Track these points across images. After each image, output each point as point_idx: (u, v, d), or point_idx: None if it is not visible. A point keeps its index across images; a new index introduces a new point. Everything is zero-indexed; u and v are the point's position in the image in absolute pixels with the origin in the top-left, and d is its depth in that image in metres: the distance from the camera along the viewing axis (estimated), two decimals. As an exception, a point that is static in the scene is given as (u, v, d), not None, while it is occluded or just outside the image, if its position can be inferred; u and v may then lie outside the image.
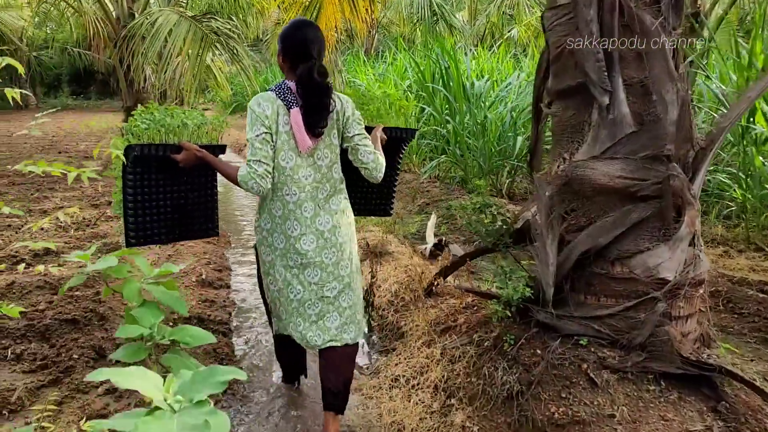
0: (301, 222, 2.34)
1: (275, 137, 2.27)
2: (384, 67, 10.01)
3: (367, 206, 3.04)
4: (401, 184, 7.71)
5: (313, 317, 2.41)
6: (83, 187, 8.14)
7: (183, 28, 8.08)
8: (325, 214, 2.36)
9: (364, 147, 2.39)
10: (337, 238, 2.39)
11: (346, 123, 2.38)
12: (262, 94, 2.32)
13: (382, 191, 3.00)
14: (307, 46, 2.28)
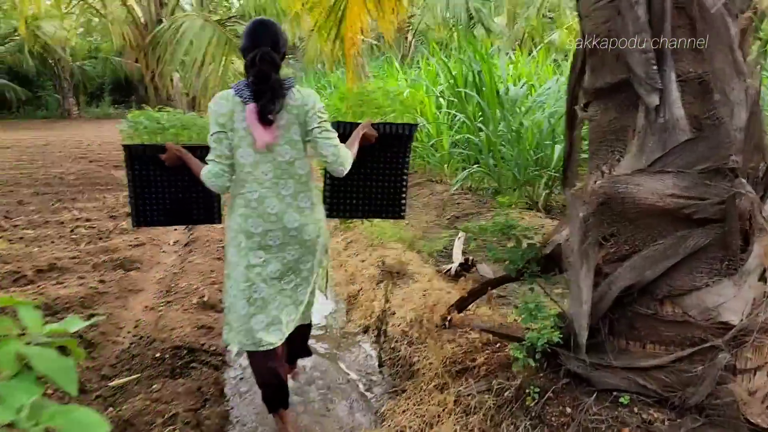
0: (265, 218, 2.36)
1: (232, 134, 2.30)
2: (417, 73, 9.61)
3: (372, 207, 2.96)
4: (430, 195, 7.28)
5: (274, 312, 2.43)
6: (106, 197, 7.98)
7: (207, 32, 7.86)
8: (293, 212, 2.38)
9: (323, 140, 2.33)
10: (303, 236, 2.41)
11: (306, 116, 2.32)
12: (220, 93, 2.36)
13: (388, 191, 2.92)
14: (255, 38, 2.31)
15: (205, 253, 5.00)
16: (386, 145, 2.78)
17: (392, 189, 2.93)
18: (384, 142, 2.74)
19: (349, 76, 7.56)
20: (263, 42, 2.29)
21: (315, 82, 17.93)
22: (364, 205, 2.95)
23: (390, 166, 2.89)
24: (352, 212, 3.01)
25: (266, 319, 2.42)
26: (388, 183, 2.91)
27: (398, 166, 2.90)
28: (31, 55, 22.69)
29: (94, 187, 8.70)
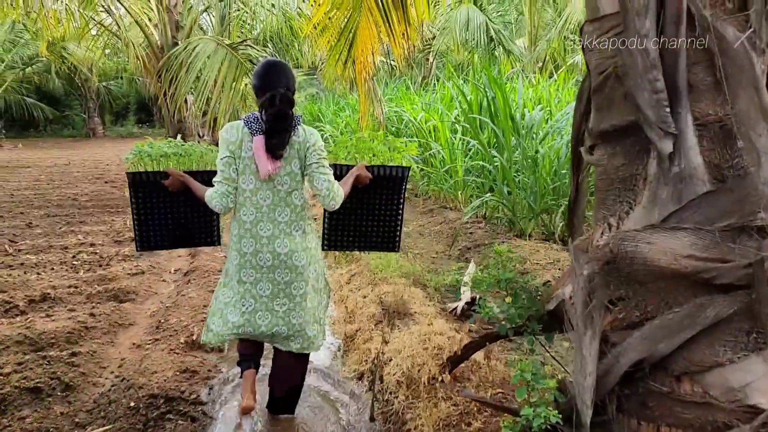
0: (257, 240, 2.57)
1: (238, 161, 2.52)
2: (432, 97, 9.42)
3: (368, 242, 3.16)
4: (442, 223, 7.03)
5: (262, 328, 2.64)
6: (114, 220, 7.88)
7: (219, 56, 7.78)
8: (284, 237, 2.59)
9: (319, 175, 2.53)
10: (293, 261, 2.60)
11: (307, 152, 2.54)
12: (231, 123, 2.58)
13: (383, 228, 3.10)
14: (271, 79, 2.52)
15: (201, 284, 4.80)
16: (381, 185, 2.98)
17: (387, 225, 3.11)
18: (379, 183, 2.95)
19: (361, 100, 7.38)
20: (279, 83, 2.49)
21: (334, 104, 17.88)
22: (360, 239, 3.14)
23: (385, 205, 3.06)
24: (348, 246, 3.20)
25: (253, 331, 2.65)
26: (384, 220, 3.09)
27: (393, 204, 3.07)
28: (58, 76, 23.07)
29: (105, 210, 8.62)
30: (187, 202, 2.87)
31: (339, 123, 14.21)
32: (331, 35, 6.71)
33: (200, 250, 5.99)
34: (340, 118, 14.11)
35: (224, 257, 5.71)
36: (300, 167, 2.56)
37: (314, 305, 2.75)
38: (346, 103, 17.30)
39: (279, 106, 2.44)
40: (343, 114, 14.85)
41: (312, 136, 2.56)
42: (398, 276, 4.67)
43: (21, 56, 19.88)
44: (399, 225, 3.13)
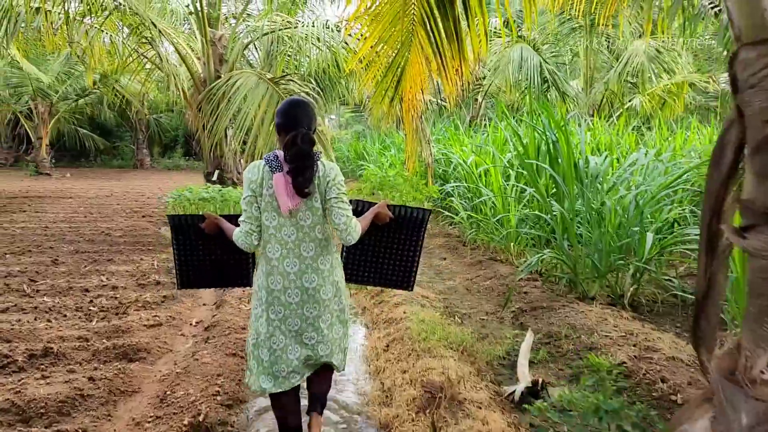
0: (284, 276, 2.59)
1: (260, 200, 2.57)
2: (483, 138, 8.84)
3: (384, 279, 3.22)
4: (493, 278, 6.35)
5: (293, 360, 2.65)
6: (143, 259, 7.48)
7: (260, 90, 7.41)
8: (312, 273, 2.61)
9: (338, 209, 2.57)
10: (320, 295, 2.63)
11: (327, 187, 2.57)
12: (254, 162, 2.62)
13: (400, 266, 3.16)
14: (294, 119, 2.54)
15: (220, 345, 4.24)
16: (402, 225, 3.06)
17: (404, 265, 3.17)
18: (400, 223, 3.04)
19: (408, 140, 6.85)
20: (301, 122, 2.52)
21: (380, 142, 17.49)
22: (376, 276, 3.21)
23: (404, 245, 3.12)
24: (365, 281, 3.25)
25: (286, 368, 2.64)
26: (401, 259, 3.15)
27: (412, 245, 3.12)
28: (110, 108, 23.48)
29: (135, 247, 8.25)
30: (223, 244, 2.96)
31: (384, 163, 13.75)
32: (378, 71, 6.23)
33: (226, 301, 5.47)
34: (385, 158, 13.66)
35: (250, 308, 5.17)
36: (321, 202, 2.61)
37: (339, 336, 2.79)
38: (391, 141, 16.89)
39: (300, 145, 2.47)
40: (388, 153, 14.40)
41: (332, 171, 2.61)
42: (444, 347, 4.02)
43: (75, 88, 20.25)
44: (416, 265, 3.20)
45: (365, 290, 5.88)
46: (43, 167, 20.31)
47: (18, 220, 10.35)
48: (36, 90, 18.92)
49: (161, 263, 7.25)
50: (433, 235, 9.29)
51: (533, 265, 5.43)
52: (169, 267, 7.04)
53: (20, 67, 17.55)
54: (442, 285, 6.45)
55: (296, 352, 2.65)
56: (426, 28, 5.52)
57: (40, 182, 17.97)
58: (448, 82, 5.75)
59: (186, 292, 6.10)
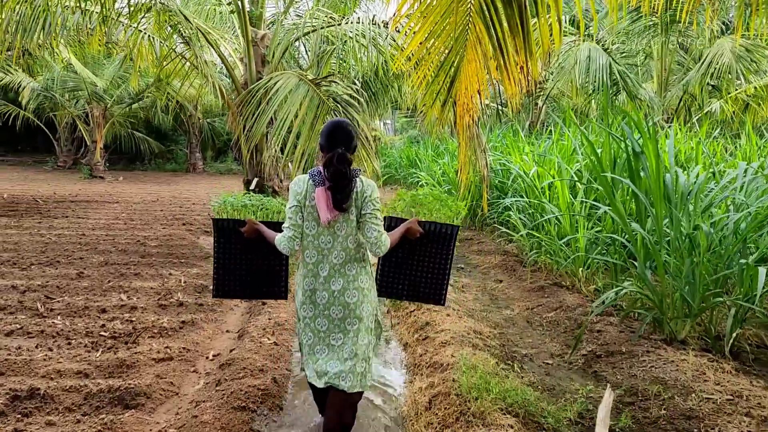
0: (317, 280, 2.89)
1: (304, 210, 2.87)
2: (546, 146, 7.91)
3: (416, 293, 3.37)
4: (558, 309, 5.47)
5: (320, 361, 2.89)
6: (172, 274, 6.94)
7: (300, 91, 6.77)
8: (339, 277, 2.87)
9: (371, 224, 2.84)
10: (346, 299, 2.87)
11: (363, 202, 2.85)
12: (299, 176, 2.93)
13: (432, 281, 3.32)
14: (333, 139, 2.84)
15: (230, 393, 3.55)
16: (432, 240, 3.23)
17: (435, 279, 3.30)
18: (430, 238, 3.23)
19: (462, 148, 6.05)
20: (340, 142, 2.82)
21: (433, 148, 16.69)
22: (409, 289, 3.34)
23: (434, 259, 3.27)
24: (398, 294, 3.38)
25: (314, 366, 2.90)
26: (433, 273, 3.29)
27: (441, 259, 3.26)
28: (164, 111, 23.53)
29: (168, 259, 7.74)
30: (260, 252, 3.21)
31: (436, 171, 12.95)
32: (428, 70, 5.46)
33: (248, 332, 4.80)
34: (438, 165, 12.86)
35: (273, 343, 4.50)
36: (356, 215, 2.86)
37: (365, 343, 2.92)
38: (445, 148, 16.06)
39: (336, 165, 2.73)
40: (441, 161, 13.59)
41: (369, 188, 2.86)
42: (500, 410, 3.20)
43: (129, 92, 20.27)
44: (446, 280, 3.31)
45: (407, 322, 5.11)
46: (97, 170, 20.42)
47: (57, 226, 10.06)
48: (91, 94, 19.00)
49: (190, 279, 6.68)
50: (487, 253, 8.43)
51: (610, 300, 4.52)
52: (197, 284, 6.46)
53: (75, 71, 17.61)
54: (498, 315, 5.62)
55: (323, 353, 2.90)
56: (485, 19, 4.73)
57: (91, 186, 17.98)
58: (511, 82, 4.94)
59: (215, 309, 5.50)
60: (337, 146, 2.79)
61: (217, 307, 5.74)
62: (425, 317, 4.99)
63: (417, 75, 5.56)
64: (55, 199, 13.79)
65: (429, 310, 5.17)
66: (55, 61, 17.47)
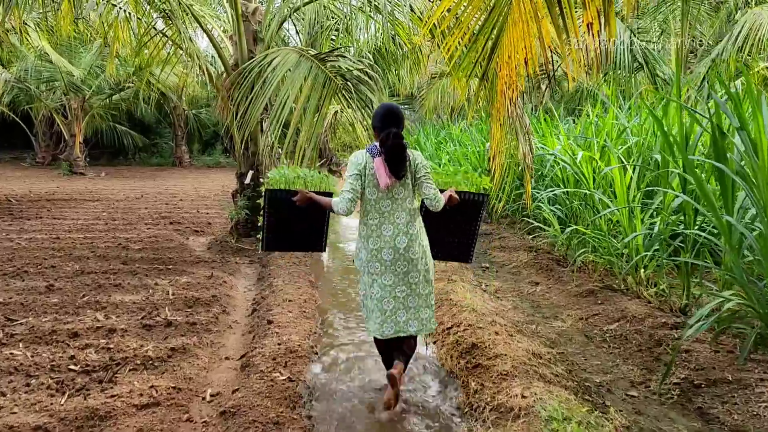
0: (381, 239, 3.26)
1: (364, 178, 3.25)
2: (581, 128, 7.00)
3: (449, 252, 4.05)
4: (621, 321, 4.58)
5: (388, 312, 3.28)
6: (158, 284, 5.99)
7: (302, 69, 5.80)
8: (403, 236, 3.26)
9: (427, 183, 3.34)
10: (410, 255, 3.27)
11: (416, 168, 3.32)
12: (358, 151, 3.37)
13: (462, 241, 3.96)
14: (387, 120, 3.29)
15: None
16: (465, 207, 3.81)
17: (465, 241, 3.96)
18: (463, 206, 3.76)
19: (495, 131, 5.12)
20: (392, 124, 3.26)
21: (434, 136, 15.74)
22: (443, 250, 3.97)
23: (466, 224, 3.92)
24: (434, 255, 3.59)
25: (382, 317, 3.28)
26: (464, 236, 3.94)
27: (473, 224, 3.94)
28: (146, 102, 22.40)
29: (153, 266, 6.78)
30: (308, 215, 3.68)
31: (442, 156, 12.03)
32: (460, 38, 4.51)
33: (253, 363, 3.86)
34: (445, 153, 11.93)
35: (287, 379, 3.56)
36: (411, 180, 3.32)
37: (426, 293, 3.37)
38: (447, 134, 15.13)
39: (393, 140, 3.18)
40: (447, 147, 12.66)
41: (419, 157, 3.36)
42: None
43: (109, 82, 19.10)
44: (475, 240, 4.01)
45: (446, 342, 4.19)
46: (77, 166, 19.29)
47: (29, 228, 9.04)
48: (68, 84, 17.82)
49: (179, 290, 5.73)
50: (512, 249, 7.54)
51: (711, 320, 3.62)
52: (188, 297, 5.51)
53: (50, 60, 16.45)
54: (548, 327, 4.73)
55: (390, 304, 3.27)
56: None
57: (71, 183, 16.89)
58: (570, 47, 4.04)
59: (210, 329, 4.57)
60: (390, 126, 3.23)
61: (212, 326, 4.80)
62: (469, 336, 4.09)
63: (450, 41, 4.61)
64: (29, 198, 12.72)
65: (471, 326, 4.26)
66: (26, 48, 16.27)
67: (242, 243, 8.03)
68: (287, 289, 5.49)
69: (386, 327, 3.26)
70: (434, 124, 18.92)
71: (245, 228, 8.24)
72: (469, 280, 5.84)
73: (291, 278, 6.07)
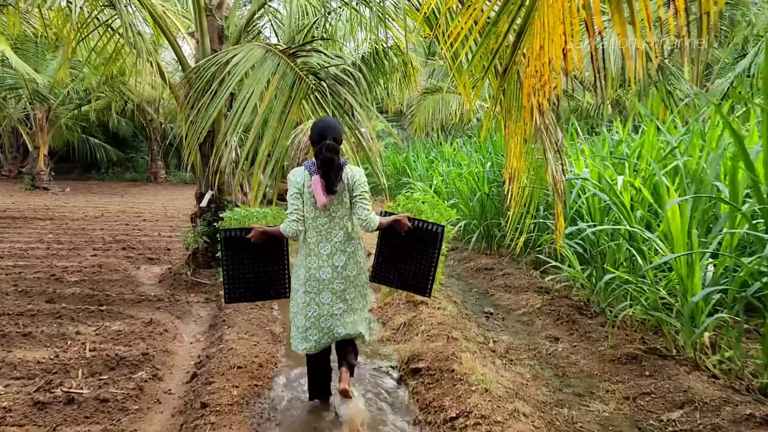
0: (319, 257, 3.31)
1: (303, 196, 3.29)
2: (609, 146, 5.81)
3: (405, 283, 3.78)
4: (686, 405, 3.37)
5: (325, 329, 3.33)
6: (80, 333, 4.75)
7: (268, 67, 4.62)
8: (340, 254, 3.33)
9: (360, 203, 3.31)
10: (347, 272, 3.35)
11: (353, 186, 3.30)
12: (296, 168, 3.37)
13: (418, 272, 3.69)
14: (321, 133, 3.26)
15: None
16: (421, 236, 3.63)
17: (422, 272, 3.68)
18: (419, 234, 3.62)
19: (512, 146, 3.95)
20: (328, 135, 3.24)
21: (425, 154, 14.61)
22: (399, 279, 3.77)
23: (422, 254, 3.66)
24: (390, 282, 3.82)
25: (318, 333, 3.33)
26: (420, 266, 3.67)
27: (428, 255, 3.65)
28: (121, 114, 21.12)
29: (83, 305, 5.52)
30: (266, 255, 3.66)
31: (435, 176, 10.88)
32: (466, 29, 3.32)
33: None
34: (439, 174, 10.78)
35: None
36: (348, 198, 3.33)
37: (361, 307, 3.46)
38: (438, 153, 14.01)
39: (325, 153, 3.17)
40: (439, 166, 11.51)
41: (357, 174, 3.33)
42: None
43: (78, 92, 17.81)
44: (432, 274, 3.66)
45: None
46: (40, 180, 17.93)
47: (-47, 253, 7.73)
48: (32, 93, 16.52)
49: (103, 343, 4.47)
50: (519, 289, 6.35)
51: None
52: (112, 355, 4.23)
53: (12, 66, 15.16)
54: (585, 414, 3.51)
55: (328, 321, 3.33)
56: None
57: (30, 198, 15.53)
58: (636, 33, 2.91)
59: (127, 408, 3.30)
60: (326, 138, 3.22)
61: (132, 402, 3.54)
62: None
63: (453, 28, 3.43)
64: (-26, 216, 11.38)
65: (485, 419, 3.03)
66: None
67: (199, 276, 6.75)
68: (239, 347, 4.24)
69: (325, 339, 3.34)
70: (425, 142, 17.81)
71: (205, 257, 6.98)
72: (472, 336, 4.62)
73: (249, 327, 4.82)
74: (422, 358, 4.04)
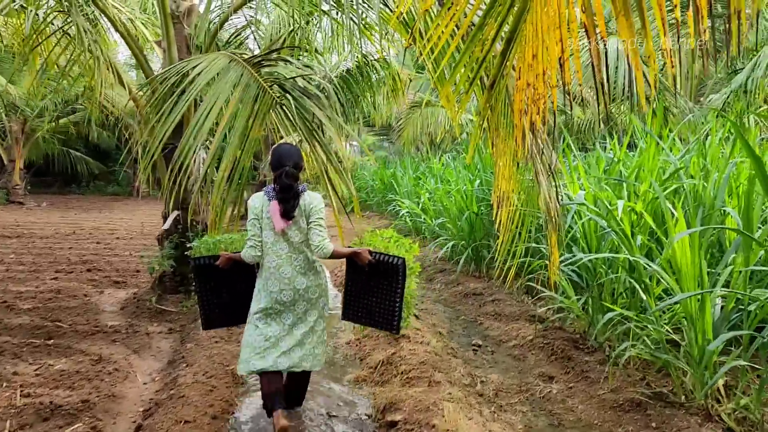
0: (281, 281, 3.35)
1: (261, 222, 3.35)
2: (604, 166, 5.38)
3: (373, 319, 3.63)
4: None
5: (284, 348, 3.36)
6: (17, 375, 4.21)
7: (230, 78, 4.18)
8: (301, 278, 3.38)
9: (314, 229, 3.31)
10: (309, 295, 3.41)
11: (309, 212, 3.33)
12: (256, 194, 3.41)
13: (384, 308, 3.54)
14: (280, 160, 3.31)
15: None
16: (383, 271, 3.49)
17: (388, 308, 3.53)
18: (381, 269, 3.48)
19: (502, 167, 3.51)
20: (287, 162, 3.28)
21: (414, 170, 14.19)
22: (367, 316, 3.65)
23: (386, 289, 3.52)
24: (359, 320, 3.73)
25: (277, 353, 3.34)
26: (385, 302, 3.54)
27: (392, 289, 3.50)
28: (102, 126, 20.58)
29: (29, 339, 5.01)
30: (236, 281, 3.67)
31: (422, 193, 10.44)
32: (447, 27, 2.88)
33: None
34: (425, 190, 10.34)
35: None
36: (306, 224, 3.34)
37: (321, 329, 3.52)
38: (427, 168, 13.59)
39: (283, 180, 3.23)
40: (427, 183, 11.08)
41: (314, 200, 3.35)
42: None
43: (56, 104, 17.27)
44: (398, 309, 3.48)
45: None
46: (15, 194, 17.34)
47: None
48: (7, 105, 15.99)
49: (39, 388, 3.96)
50: (509, 317, 5.90)
51: None
52: (46, 403, 3.72)
53: (-15, 76, 14.68)
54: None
55: (288, 342, 3.36)
56: None
57: (1, 214, 14.93)
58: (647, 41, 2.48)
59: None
60: (284, 164, 3.27)
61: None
62: None
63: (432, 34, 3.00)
64: (-64, 233, 10.81)
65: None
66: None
67: (165, 302, 6.25)
68: (193, 393, 3.73)
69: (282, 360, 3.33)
70: (413, 157, 17.41)
71: (172, 282, 6.49)
72: (457, 378, 4.14)
73: (209, 366, 4.32)
74: (399, 407, 3.56)
